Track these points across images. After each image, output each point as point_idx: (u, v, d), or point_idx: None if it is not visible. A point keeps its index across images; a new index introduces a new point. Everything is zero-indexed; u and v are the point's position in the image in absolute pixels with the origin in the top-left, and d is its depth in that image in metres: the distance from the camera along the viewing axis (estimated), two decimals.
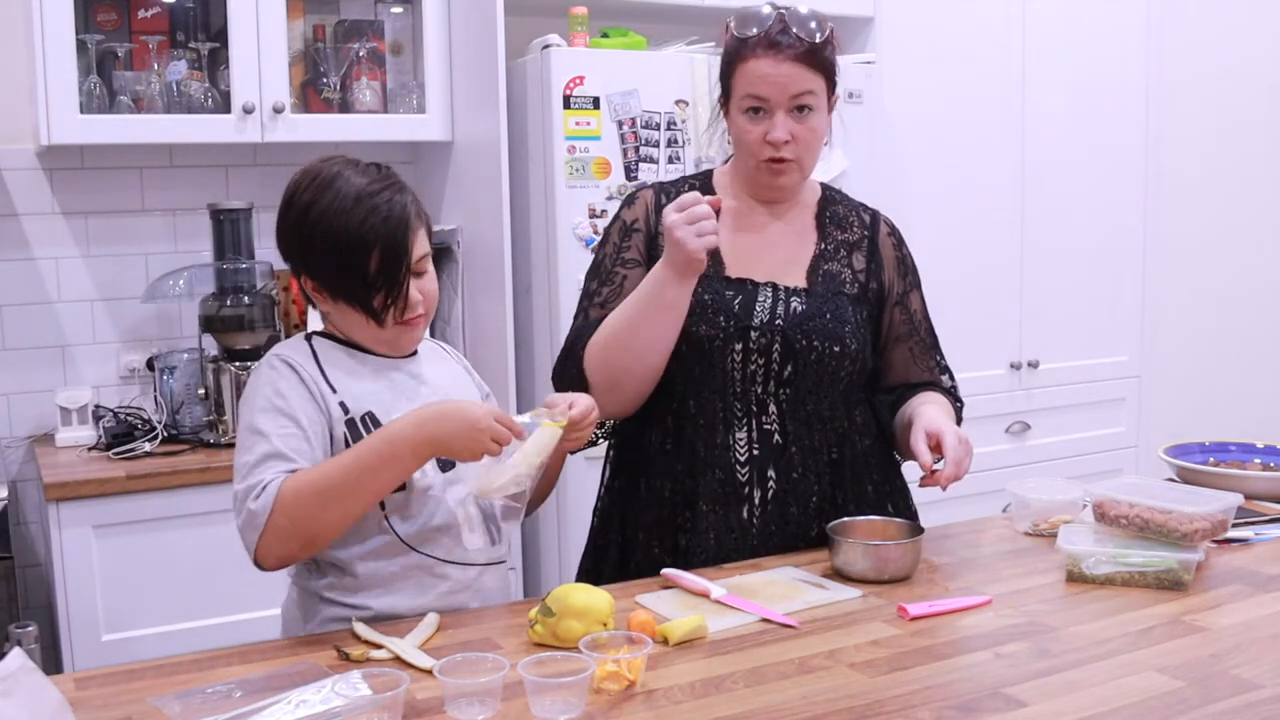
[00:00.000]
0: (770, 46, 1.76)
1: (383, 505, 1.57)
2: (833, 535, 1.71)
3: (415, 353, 1.71)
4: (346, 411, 1.58)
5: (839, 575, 1.68)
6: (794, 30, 1.76)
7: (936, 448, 1.73)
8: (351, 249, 1.55)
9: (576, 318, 1.89)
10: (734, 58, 1.82)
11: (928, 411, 1.81)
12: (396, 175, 1.63)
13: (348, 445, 1.55)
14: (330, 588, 1.60)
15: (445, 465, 1.63)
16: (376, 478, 1.50)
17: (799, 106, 1.78)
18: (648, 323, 1.75)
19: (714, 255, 1.81)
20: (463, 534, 1.63)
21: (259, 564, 1.52)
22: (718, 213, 1.69)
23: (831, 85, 1.82)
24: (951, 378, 1.98)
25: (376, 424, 1.57)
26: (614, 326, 1.78)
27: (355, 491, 1.50)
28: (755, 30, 1.78)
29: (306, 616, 1.63)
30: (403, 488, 1.58)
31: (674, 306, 1.74)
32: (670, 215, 1.67)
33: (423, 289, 1.63)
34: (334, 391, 1.59)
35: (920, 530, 1.76)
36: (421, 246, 1.62)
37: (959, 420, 1.89)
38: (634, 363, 1.78)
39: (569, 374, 1.82)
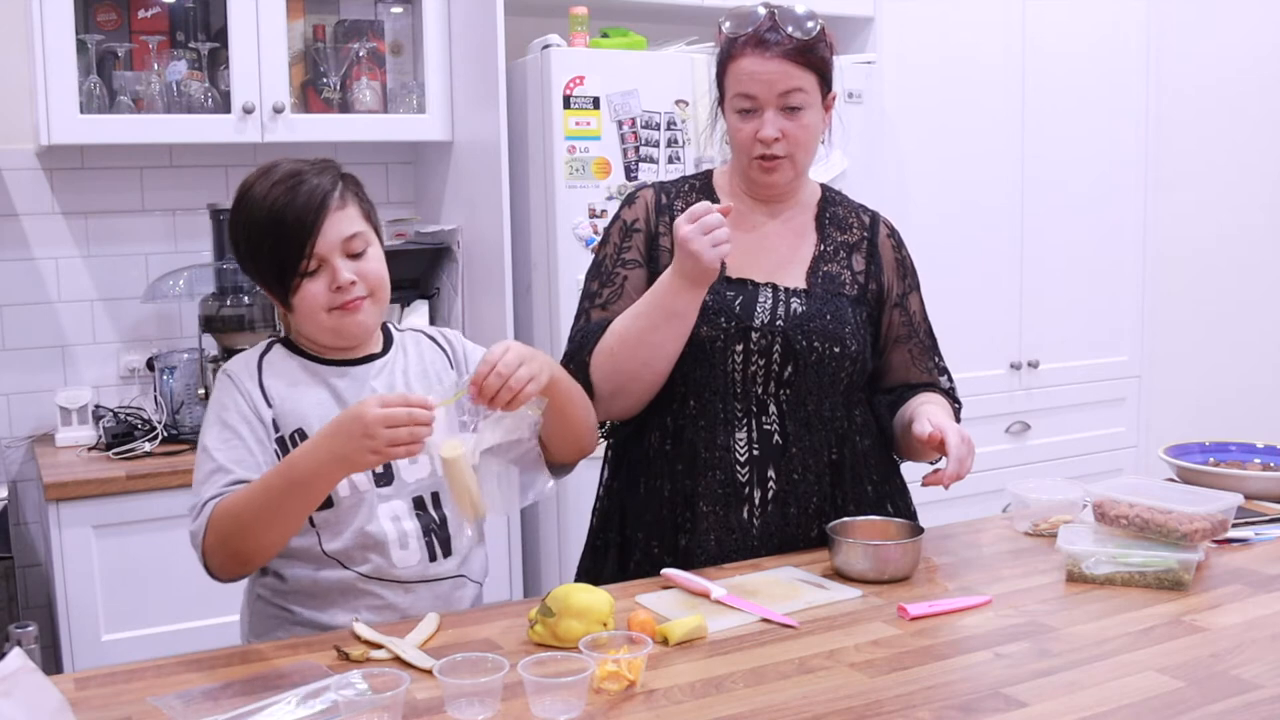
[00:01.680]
0: (758, 45, 1.76)
1: (311, 520, 1.56)
2: (833, 535, 1.71)
3: (381, 356, 1.67)
4: (277, 430, 1.57)
5: (839, 575, 1.68)
6: (783, 28, 1.76)
7: (940, 446, 1.73)
8: (260, 230, 1.54)
9: (578, 319, 1.89)
10: (725, 57, 1.82)
11: (929, 410, 1.81)
12: (332, 163, 1.60)
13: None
14: (265, 588, 1.63)
15: (380, 479, 1.60)
16: (288, 502, 1.46)
17: (789, 104, 1.78)
18: (657, 331, 1.74)
19: None
20: (392, 551, 1.59)
21: (211, 575, 1.53)
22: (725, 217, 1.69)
23: (825, 83, 1.81)
24: (950, 379, 1.98)
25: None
26: (621, 334, 1.77)
27: (269, 516, 1.47)
28: (744, 29, 1.78)
29: (250, 612, 1.66)
30: (330, 503, 1.56)
31: (684, 315, 1.73)
32: (683, 227, 1.65)
33: (360, 271, 1.57)
34: (269, 406, 1.58)
35: (920, 530, 1.76)
36: (348, 225, 1.56)
37: (958, 421, 1.89)
38: (642, 369, 1.77)
39: (575, 379, 1.81)
